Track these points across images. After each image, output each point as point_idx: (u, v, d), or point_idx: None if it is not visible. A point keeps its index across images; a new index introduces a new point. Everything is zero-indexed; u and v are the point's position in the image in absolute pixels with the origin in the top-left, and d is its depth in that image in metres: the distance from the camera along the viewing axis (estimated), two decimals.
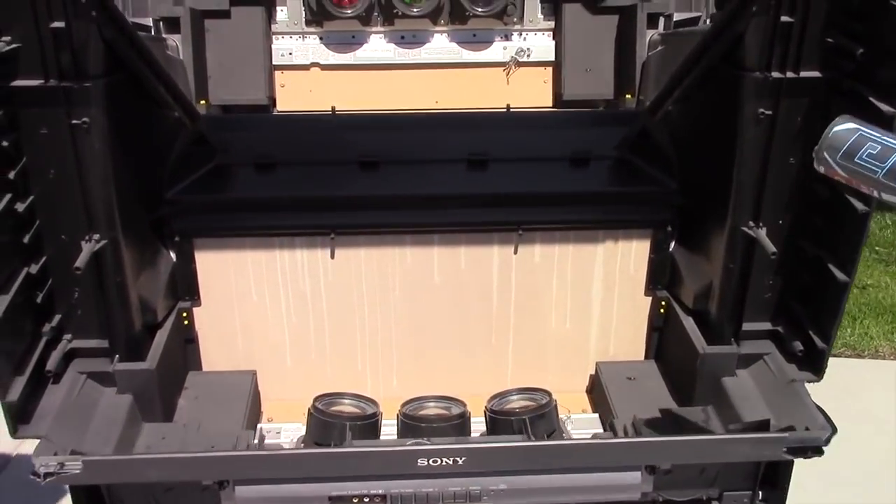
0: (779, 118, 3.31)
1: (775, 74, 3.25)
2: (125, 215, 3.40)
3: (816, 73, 3.25)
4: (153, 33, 4.34)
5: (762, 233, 3.47)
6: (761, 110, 3.29)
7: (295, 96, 4.86)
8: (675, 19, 4.52)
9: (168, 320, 3.81)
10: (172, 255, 3.86)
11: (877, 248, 7.15)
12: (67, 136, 3.14)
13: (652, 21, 4.55)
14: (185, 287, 3.90)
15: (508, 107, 4.29)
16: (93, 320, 3.49)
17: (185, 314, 3.91)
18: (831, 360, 5.62)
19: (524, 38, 4.87)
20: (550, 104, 4.91)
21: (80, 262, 3.18)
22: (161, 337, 3.71)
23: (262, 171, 3.86)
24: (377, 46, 4.83)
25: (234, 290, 3.95)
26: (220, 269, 3.91)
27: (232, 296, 3.96)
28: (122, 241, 3.41)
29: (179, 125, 3.63)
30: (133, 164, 3.45)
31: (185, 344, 3.96)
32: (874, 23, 3.06)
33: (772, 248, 3.38)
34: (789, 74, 3.25)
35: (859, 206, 3.18)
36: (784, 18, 3.16)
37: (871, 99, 3.06)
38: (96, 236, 3.32)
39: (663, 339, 4.11)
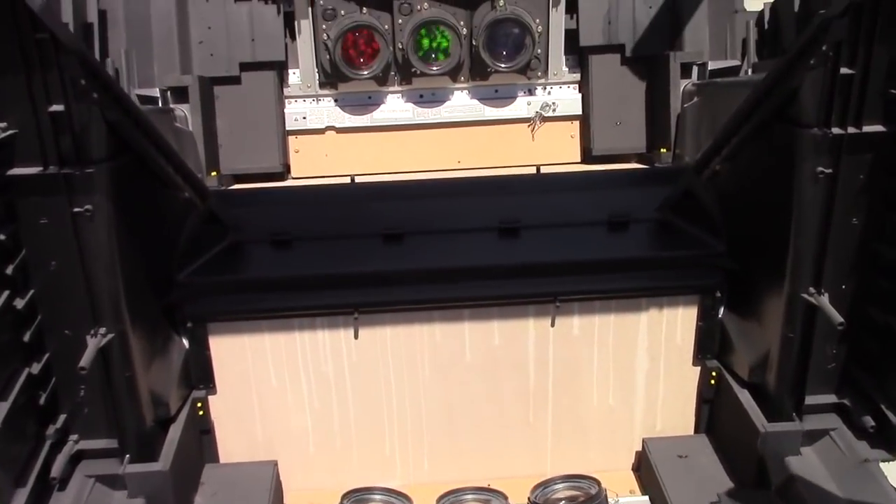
0: (840, 176, 3.07)
1: (835, 130, 3.01)
2: (134, 305, 3.15)
3: (880, 128, 3.01)
4: (161, 104, 4.14)
5: (825, 300, 3.20)
6: (821, 169, 3.05)
7: (311, 162, 4.68)
8: (710, 68, 4.31)
9: (182, 412, 3.54)
10: (185, 341, 3.61)
11: None
12: (69, 226, 2.90)
13: (685, 71, 4.35)
14: (200, 375, 3.63)
15: (538, 168, 4.04)
16: (101, 419, 3.24)
17: (199, 404, 3.64)
18: None
19: (549, 92, 4.69)
20: (579, 159, 4.74)
21: (85, 360, 2.91)
22: (175, 431, 3.44)
23: (279, 247, 3.63)
24: (395, 107, 4.65)
25: (252, 375, 3.68)
26: (237, 354, 3.65)
27: (250, 382, 3.70)
28: (130, 333, 3.15)
29: (189, 205, 3.39)
30: (141, 249, 3.21)
31: (201, 435, 3.69)
32: None
33: (838, 318, 3.10)
34: (851, 130, 3.01)
35: None
36: (844, 70, 2.92)
37: None
38: (102, 330, 3.07)
39: (715, 413, 3.81)
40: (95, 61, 2.72)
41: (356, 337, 3.66)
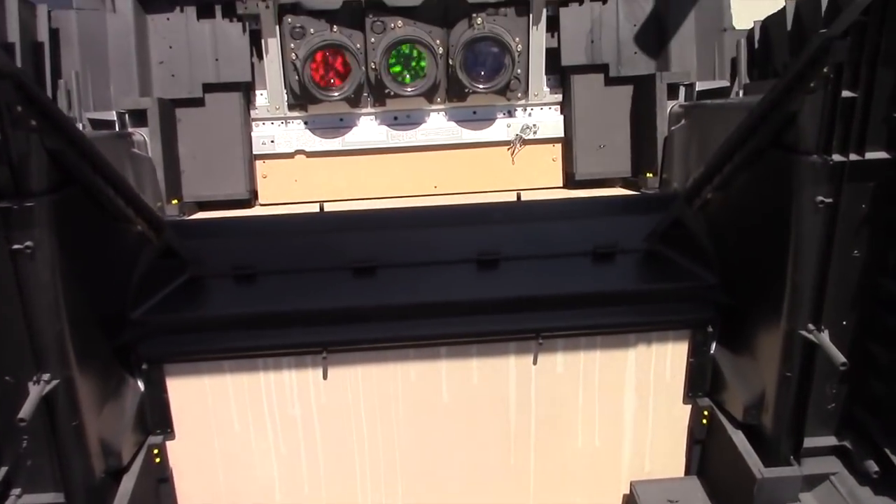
0: (841, 206, 2.89)
1: (836, 157, 2.83)
2: (81, 348, 2.91)
3: (884, 155, 2.83)
4: (117, 128, 3.89)
5: (825, 337, 3.01)
6: (820, 198, 2.86)
7: (279, 187, 4.45)
8: (698, 89, 4.13)
9: (136, 460, 3.29)
10: (140, 384, 3.35)
11: None
12: (7, 264, 2.65)
13: (672, 91, 4.17)
14: (156, 420, 3.38)
15: (519, 195, 3.82)
16: (46, 471, 2.99)
17: (156, 451, 3.39)
18: None
19: (529, 114, 4.49)
20: (561, 184, 4.54)
21: (25, 412, 2.67)
22: (129, 482, 3.19)
23: (242, 282, 3.39)
24: (368, 129, 4.44)
25: (213, 419, 3.44)
26: (196, 396, 3.40)
27: (211, 426, 3.45)
28: (77, 379, 2.90)
29: (143, 238, 3.14)
30: (89, 287, 2.96)
31: (158, 485, 3.43)
32: None
33: (840, 358, 2.90)
34: (853, 157, 2.83)
35: None
36: (845, 94, 2.73)
37: None
38: (46, 376, 2.82)
39: (708, 454, 3.60)
40: (33, 85, 2.47)
41: (325, 377, 3.42)
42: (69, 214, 2.76)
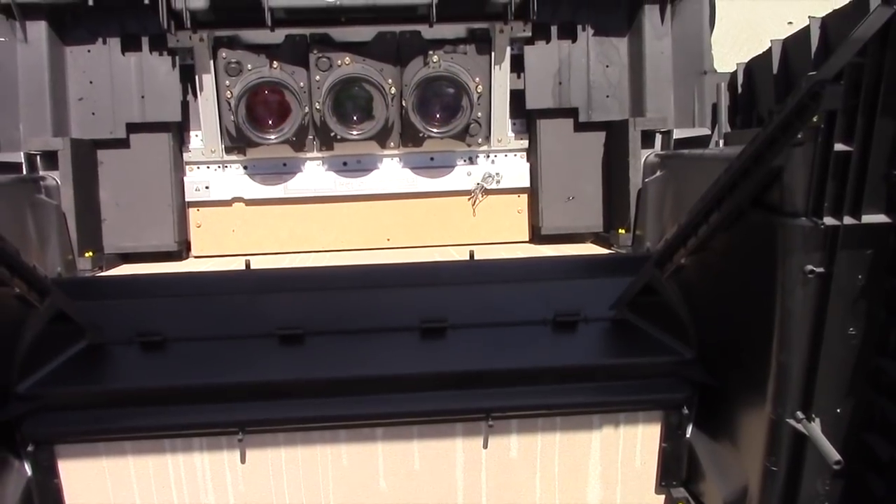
0: (834, 276, 2.59)
1: (828, 221, 2.54)
2: None
3: (884, 218, 2.53)
4: (25, 171, 3.53)
5: (816, 429, 2.73)
6: (810, 267, 2.58)
7: (214, 238, 4.16)
8: (675, 137, 3.89)
9: None
10: (27, 467, 3.01)
11: None
12: None
13: (647, 139, 3.95)
14: None
15: (472, 254, 3.46)
16: None
17: None
18: None
19: (492, 161, 4.24)
20: (526, 238, 4.28)
21: None
22: None
23: (148, 350, 3.06)
24: (314, 175, 4.17)
25: None
26: (93, 483, 3.06)
27: None
28: None
29: (25, 303, 2.74)
30: None
31: None
32: None
33: (834, 455, 2.61)
34: (847, 220, 2.54)
35: None
36: (839, 147, 2.40)
37: None
38: None
39: None
40: None
41: (243, 461, 3.10)
42: None
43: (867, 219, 2.53)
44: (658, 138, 3.88)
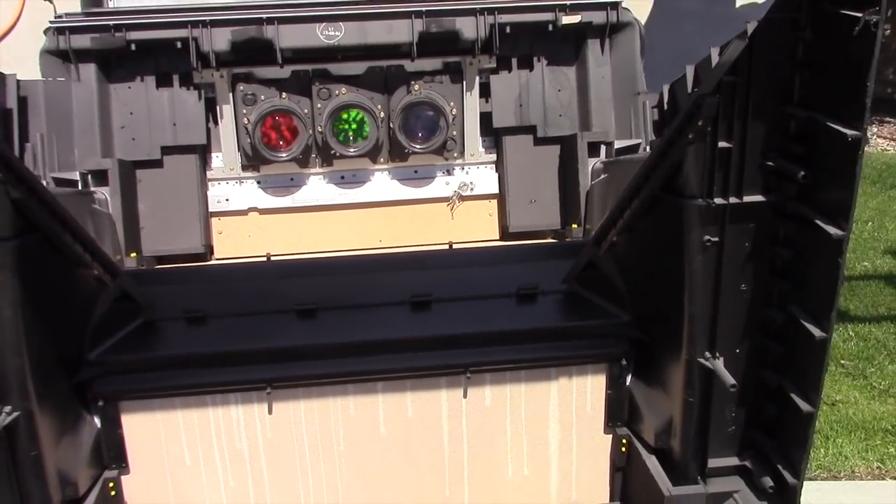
0: (725, 245, 3.22)
1: (718, 201, 3.17)
2: (41, 384, 3.16)
3: (760, 198, 3.18)
4: (80, 187, 4.20)
5: (720, 364, 3.32)
6: (707, 237, 3.20)
7: (233, 242, 4.73)
8: (616, 147, 4.49)
9: (92, 493, 3.51)
10: (97, 420, 3.58)
11: (842, 362, 7.01)
12: None
13: (593, 149, 4.53)
14: (112, 454, 3.61)
15: (451, 244, 4.15)
16: (6, 501, 3.19)
17: (112, 484, 3.61)
18: (808, 485, 5.38)
19: (467, 172, 4.82)
20: (497, 237, 4.84)
21: None
22: None
23: (192, 325, 3.65)
24: (316, 188, 4.74)
25: (166, 454, 3.67)
26: (150, 432, 3.63)
27: (163, 460, 3.68)
28: (37, 412, 3.15)
29: (100, 283, 3.42)
30: (49, 327, 3.23)
31: None
32: (813, 144, 3.02)
33: (730, 380, 3.21)
34: (732, 200, 3.17)
35: (817, 332, 3.04)
36: (722, 144, 3.08)
37: (816, 221, 2.96)
38: (7, 408, 3.07)
39: (627, 480, 3.87)
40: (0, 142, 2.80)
41: (270, 412, 3.67)
42: (31, 258, 3.05)
43: (748, 199, 3.15)
44: (602, 148, 4.49)
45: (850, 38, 2.68)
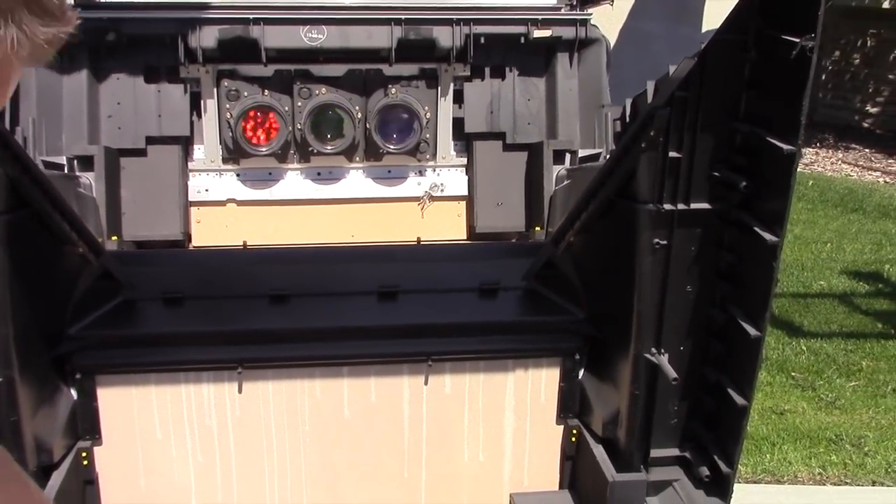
0: (673, 248, 3.44)
1: (667, 206, 3.39)
2: (23, 353, 3.33)
3: (706, 205, 3.41)
4: (66, 171, 4.37)
5: (664, 359, 3.54)
6: (656, 240, 3.42)
7: (211, 231, 4.91)
8: (580, 155, 4.72)
9: (65, 461, 3.67)
10: (73, 392, 3.74)
11: (793, 374, 7.29)
12: None
13: (559, 157, 4.76)
14: (86, 426, 3.77)
15: (419, 239, 4.37)
16: None
17: (84, 454, 3.77)
18: (752, 487, 5.66)
19: (438, 174, 5.03)
20: (465, 237, 5.05)
21: None
22: (57, 479, 3.57)
23: (169, 305, 3.83)
24: (293, 183, 4.93)
25: (138, 428, 3.84)
26: (124, 406, 3.79)
27: (135, 434, 3.84)
28: (17, 380, 3.32)
29: (84, 261, 3.61)
30: (34, 301, 3.41)
31: (85, 485, 3.80)
32: (756, 157, 3.25)
33: (673, 374, 3.44)
34: (680, 206, 3.39)
35: (752, 331, 3.28)
36: (673, 154, 3.31)
37: (755, 228, 3.20)
38: None
39: (576, 469, 4.08)
40: None
41: (240, 392, 3.85)
42: (21, 233, 3.23)
43: (695, 205, 3.36)
44: (567, 156, 4.71)
45: (789, 62, 2.91)
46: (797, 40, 2.87)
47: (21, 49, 1.07)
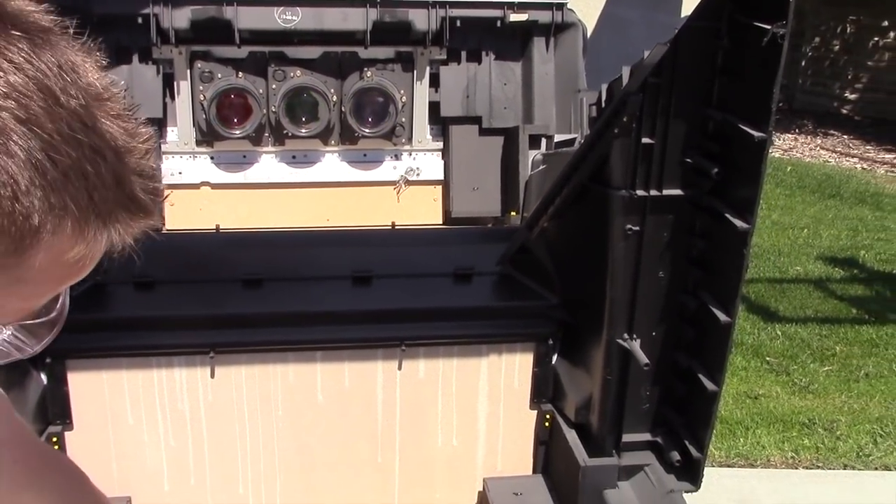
0: (645, 234, 3.44)
1: (640, 192, 3.38)
2: None
3: (678, 191, 3.40)
4: None
5: (636, 345, 3.55)
6: (629, 226, 3.41)
7: (185, 214, 4.88)
8: (555, 140, 4.72)
9: None
10: (43, 377, 3.71)
11: (768, 359, 7.35)
12: None
13: (534, 142, 4.75)
14: (57, 411, 3.74)
15: (394, 224, 4.36)
16: None
17: (55, 439, 3.75)
18: (725, 471, 5.71)
19: (414, 158, 5.02)
20: (440, 221, 5.05)
21: None
22: None
23: (141, 289, 3.80)
24: (268, 166, 4.91)
25: (109, 412, 3.82)
26: (94, 391, 3.77)
27: (106, 419, 3.82)
28: None
29: None
30: None
31: None
32: (728, 144, 3.25)
33: (644, 359, 3.45)
34: (653, 192, 3.39)
35: (722, 317, 3.29)
36: (645, 140, 3.31)
37: (726, 215, 3.21)
38: None
39: (549, 453, 4.10)
40: None
41: (212, 376, 3.83)
42: None
43: (667, 192, 3.35)
44: (543, 141, 4.70)
45: (761, 48, 2.92)
46: (768, 27, 2.87)
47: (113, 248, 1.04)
